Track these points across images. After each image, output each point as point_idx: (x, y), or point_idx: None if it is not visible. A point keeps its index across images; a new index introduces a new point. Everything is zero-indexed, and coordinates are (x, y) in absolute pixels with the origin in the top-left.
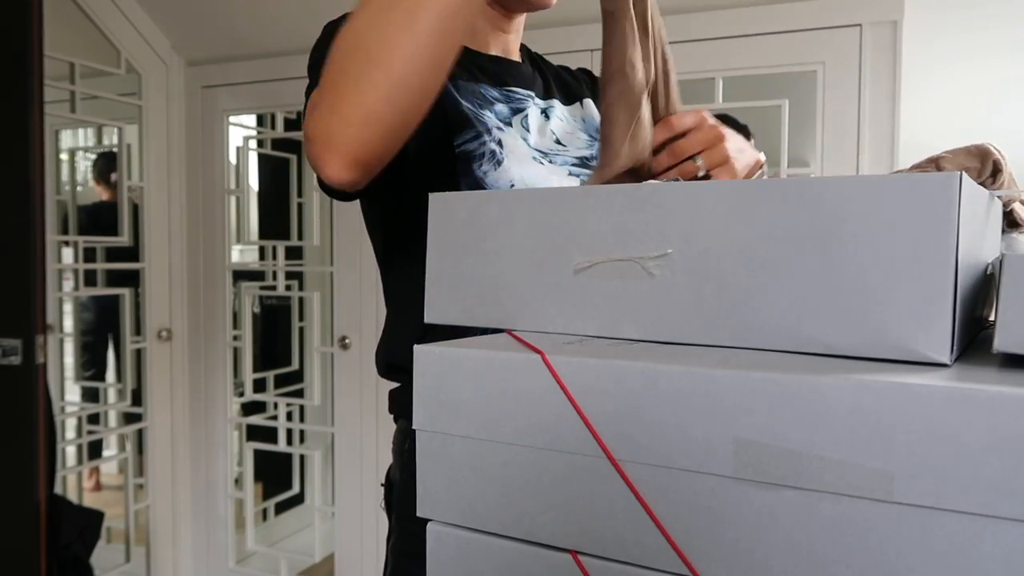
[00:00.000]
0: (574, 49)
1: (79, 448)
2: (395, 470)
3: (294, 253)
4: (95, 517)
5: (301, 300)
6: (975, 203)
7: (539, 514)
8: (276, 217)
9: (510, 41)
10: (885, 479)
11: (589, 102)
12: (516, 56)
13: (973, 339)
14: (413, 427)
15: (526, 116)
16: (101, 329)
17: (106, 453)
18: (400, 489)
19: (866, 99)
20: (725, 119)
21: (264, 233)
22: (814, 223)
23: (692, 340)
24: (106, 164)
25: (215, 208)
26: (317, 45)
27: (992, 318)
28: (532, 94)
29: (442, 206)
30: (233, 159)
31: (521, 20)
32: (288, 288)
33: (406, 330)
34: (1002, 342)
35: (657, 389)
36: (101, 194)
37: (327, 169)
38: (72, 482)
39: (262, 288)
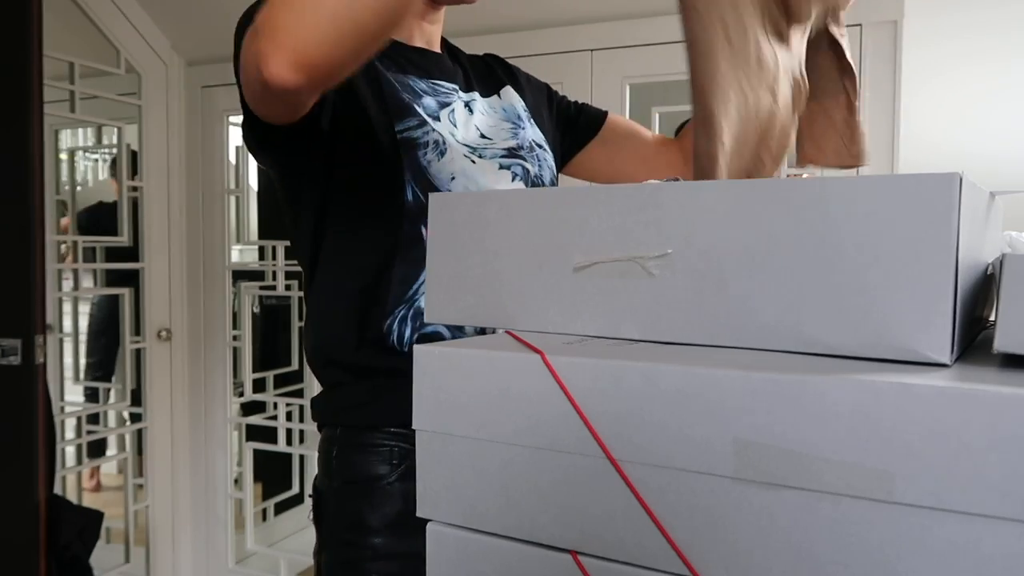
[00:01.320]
0: (574, 49)
1: (79, 448)
2: (322, 479)
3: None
4: (94, 517)
5: (301, 300)
6: (975, 203)
7: (539, 514)
8: (276, 217)
9: (433, 33)
10: (885, 479)
11: (508, 89)
12: (438, 48)
13: (973, 339)
14: (413, 427)
15: (452, 110)
16: (111, 329)
17: (106, 453)
18: (330, 498)
19: (866, 99)
20: None
21: (264, 233)
22: (814, 223)
23: (692, 340)
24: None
25: (215, 208)
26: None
27: (992, 318)
28: (456, 87)
29: (442, 206)
30: (233, 159)
31: (442, 12)
32: (288, 288)
33: (338, 319)
34: (1002, 342)
35: (657, 389)
36: (114, 193)
37: (271, 66)
38: (72, 483)
39: (262, 288)
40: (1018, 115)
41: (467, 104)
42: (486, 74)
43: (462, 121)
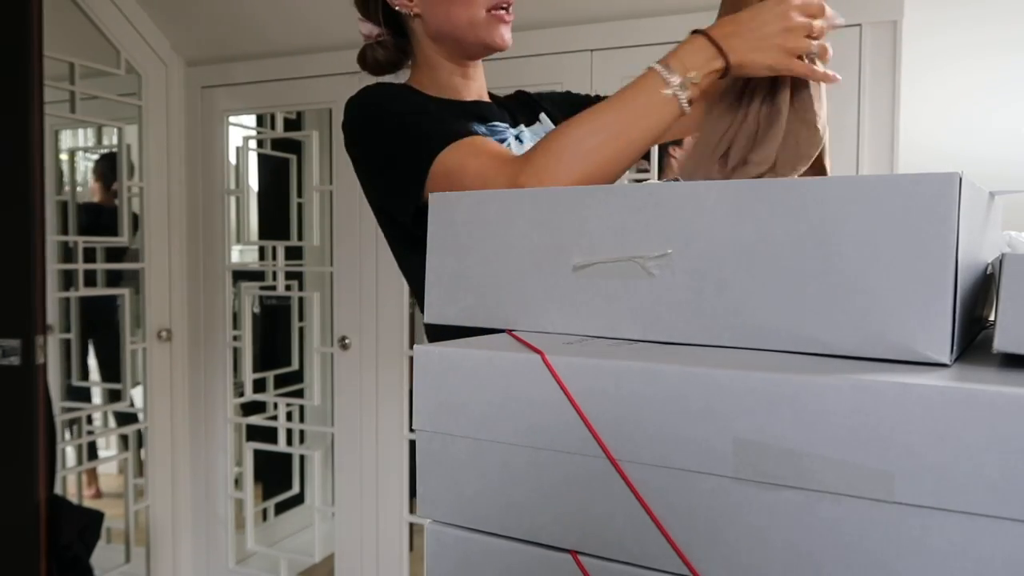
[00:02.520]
0: (574, 49)
1: (79, 448)
2: None
3: (294, 253)
4: (95, 517)
5: (301, 300)
6: (975, 203)
7: (539, 514)
8: (276, 217)
9: (479, 87)
10: (885, 479)
11: (543, 115)
12: (487, 98)
13: (973, 339)
14: (413, 427)
15: (508, 144)
16: (85, 332)
17: (106, 454)
18: None
19: (866, 99)
20: None
21: (264, 233)
22: (814, 223)
23: (692, 340)
24: (107, 167)
25: (215, 208)
26: (364, 106)
27: (992, 318)
28: (507, 125)
29: (442, 206)
30: (233, 159)
31: (481, 65)
32: (288, 288)
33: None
34: (1002, 342)
35: (657, 389)
36: (95, 194)
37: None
38: (72, 486)
39: (262, 288)
40: (1018, 115)
41: (517, 136)
42: (522, 108)
43: (516, 149)
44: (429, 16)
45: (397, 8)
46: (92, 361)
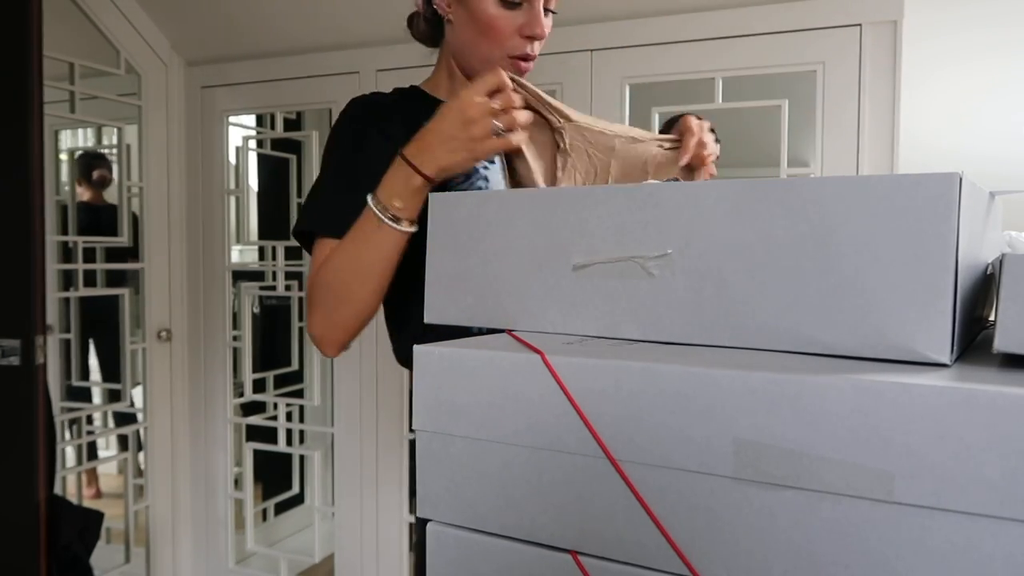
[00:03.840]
0: (574, 49)
1: (79, 448)
2: None
3: (294, 253)
4: (95, 517)
5: (301, 300)
6: (975, 203)
7: (539, 514)
8: (276, 217)
9: None
10: (885, 479)
11: None
12: None
13: (973, 339)
14: (413, 427)
15: (477, 186)
16: (85, 332)
17: (105, 454)
18: None
19: (866, 99)
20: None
21: (264, 233)
22: (814, 223)
23: (692, 340)
24: (87, 163)
25: (215, 208)
26: (339, 120)
27: (992, 318)
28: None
29: (442, 206)
30: (233, 159)
31: None
32: (288, 288)
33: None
34: (1002, 342)
35: (657, 389)
36: (82, 195)
37: (328, 353)
38: (72, 486)
39: (262, 288)
40: (1018, 115)
41: (486, 176)
42: None
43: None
44: (458, 30)
45: (435, 6)
46: (93, 361)
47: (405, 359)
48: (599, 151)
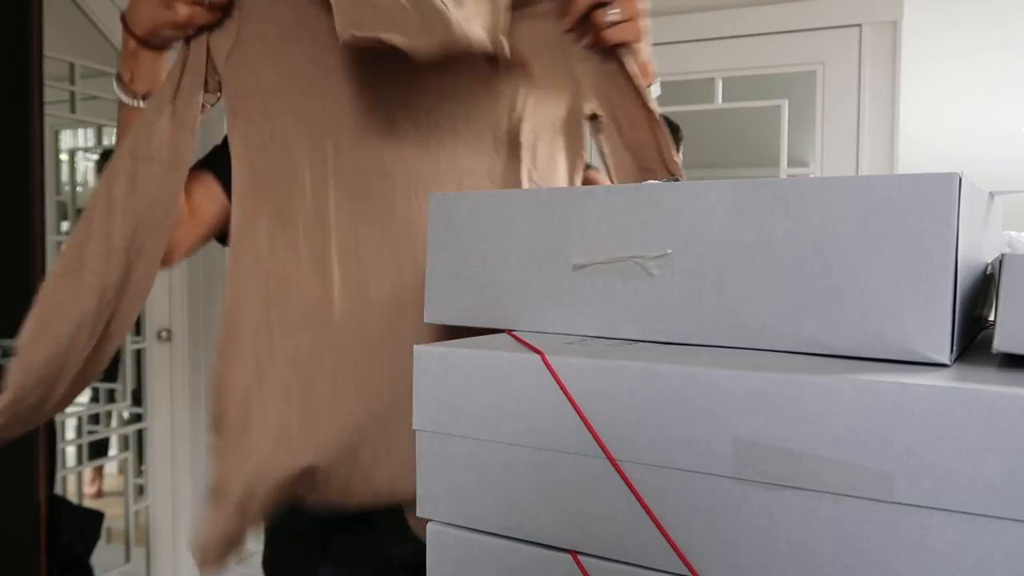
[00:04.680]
0: None
1: (79, 448)
2: None
3: None
4: (95, 517)
5: None
6: (975, 203)
7: (539, 514)
8: None
9: None
10: (885, 480)
11: None
12: None
13: (973, 339)
14: (413, 427)
15: None
16: None
17: (108, 453)
18: None
19: (866, 99)
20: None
21: None
22: (814, 223)
23: (692, 340)
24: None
25: None
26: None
27: (992, 318)
28: None
29: (442, 206)
30: None
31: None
32: None
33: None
34: (1002, 342)
35: (657, 389)
36: None
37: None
38: (72, 486)
39: None
40: (1018, 114)
41: None
42: None
43: None
44: None
45: None
46: None
47: None
48: None
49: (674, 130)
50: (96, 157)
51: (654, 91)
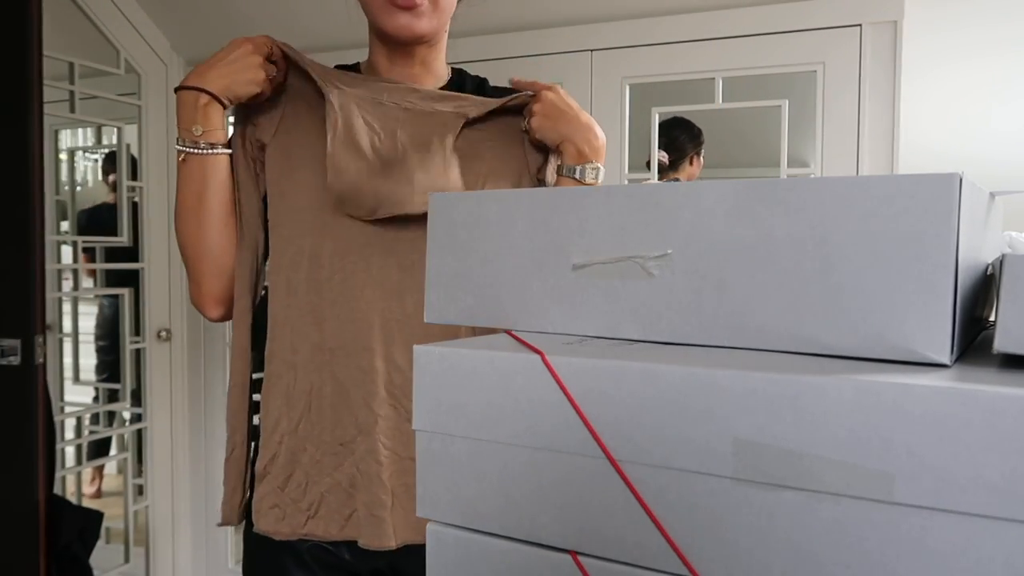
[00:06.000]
0: (574, 49)
1: (78, 448)
2: None
3: None
4: (94, 517)
5: None
6: (975, 203)
7: (539, 514)
8: None
9: (415, 75)
10: (885, 480)
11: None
12: (430, 86)
13: (973, 339)
14: (414, 427)
15: None
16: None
17: (108, 453)
18: None
19: (866, 99)
20: (677, 123)
21: None
22: (814, 223)
23: (692, 340)
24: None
25: None
26: None
27: (992, 318)
28: None
29: (442, 206)
30: None
31: (423, 55)
32: None
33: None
34: (1002, 342)
35: (657, 389)
36: (109, 195)
37: (209, 314)
38: (71, 486)
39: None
40: (1018, 114)
41: None
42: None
43: None
44: None
45: None
46: (92, 360)
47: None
48: (376, 119)
49: (696, 134)
50: (96, 157)
51: (599, 173)
